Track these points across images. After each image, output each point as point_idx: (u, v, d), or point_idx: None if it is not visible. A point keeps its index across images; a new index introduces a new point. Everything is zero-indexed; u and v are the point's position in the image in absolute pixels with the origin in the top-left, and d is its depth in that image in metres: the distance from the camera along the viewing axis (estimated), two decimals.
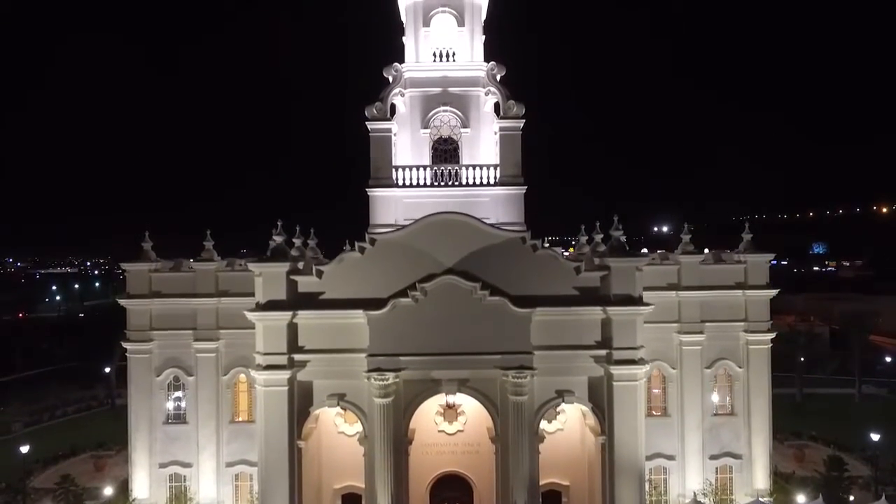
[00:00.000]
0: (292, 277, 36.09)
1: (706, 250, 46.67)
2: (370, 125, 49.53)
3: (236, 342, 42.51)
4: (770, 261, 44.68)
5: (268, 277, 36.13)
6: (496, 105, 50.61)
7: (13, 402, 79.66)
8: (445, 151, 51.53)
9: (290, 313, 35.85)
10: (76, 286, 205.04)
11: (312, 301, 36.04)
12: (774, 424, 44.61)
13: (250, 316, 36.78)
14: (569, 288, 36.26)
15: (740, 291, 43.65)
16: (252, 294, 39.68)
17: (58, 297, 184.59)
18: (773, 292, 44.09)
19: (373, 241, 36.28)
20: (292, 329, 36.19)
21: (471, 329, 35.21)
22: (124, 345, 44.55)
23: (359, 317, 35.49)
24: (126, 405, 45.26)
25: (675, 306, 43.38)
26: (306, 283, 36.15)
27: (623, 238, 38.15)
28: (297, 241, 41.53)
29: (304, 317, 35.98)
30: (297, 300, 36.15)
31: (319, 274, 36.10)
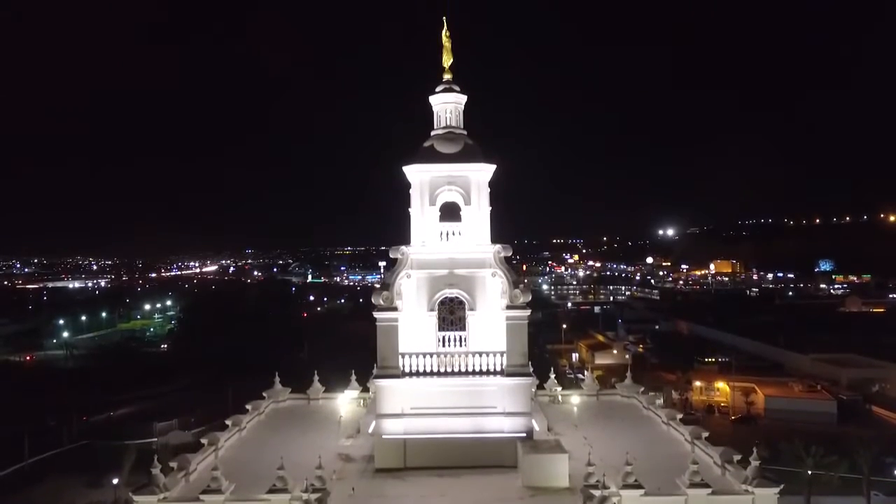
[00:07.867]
0: None
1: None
2: (377, 315, 49.04)
3: None
4: (777, 492, 44.23)
5: None
6: (502, 283, 50.04)
7: None
8: (451, 332, 51.14)
9: None
10: (83, 318, 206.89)
11: None
12: None
13: None
14: None
15: None
16: None
17: (65, 334, 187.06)
18: None
19: None
20: None
21: None
22: None
23: None
24: None
25: None
26: None
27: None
28: None
29: None
30: None
31: None
